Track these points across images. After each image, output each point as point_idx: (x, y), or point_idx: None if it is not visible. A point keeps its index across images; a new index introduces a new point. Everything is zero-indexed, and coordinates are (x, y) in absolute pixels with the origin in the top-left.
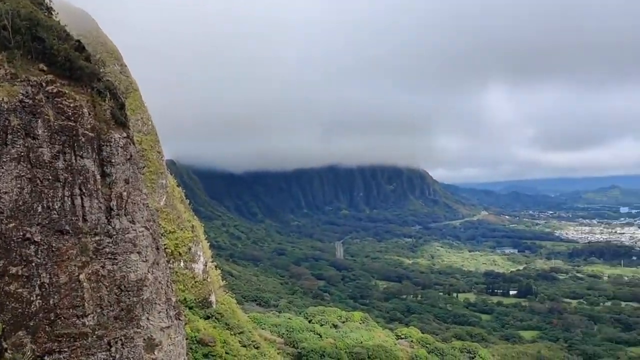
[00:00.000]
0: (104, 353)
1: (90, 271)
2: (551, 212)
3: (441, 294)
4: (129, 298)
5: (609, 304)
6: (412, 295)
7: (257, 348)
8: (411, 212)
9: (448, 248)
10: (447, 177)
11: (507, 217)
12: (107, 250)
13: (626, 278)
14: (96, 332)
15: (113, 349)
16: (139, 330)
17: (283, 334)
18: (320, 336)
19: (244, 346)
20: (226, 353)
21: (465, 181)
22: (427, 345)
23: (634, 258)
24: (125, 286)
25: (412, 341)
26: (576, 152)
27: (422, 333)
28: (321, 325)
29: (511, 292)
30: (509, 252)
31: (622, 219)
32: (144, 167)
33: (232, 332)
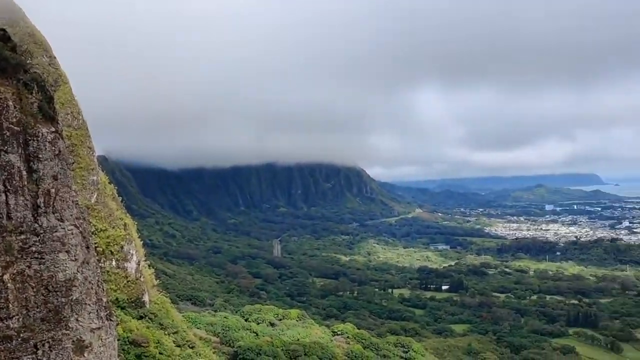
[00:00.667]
0: (30, 356)
1: (15, 271)
2: (481, 209)
3: (377, 290)
4: (57, 299)
5: (534, 297)
6: (348, 292)
7: (192, 347)
8: (348, 210)
9: (384, 245)
10: (383, 175)
11: (440, 214)
12: (34, 249)
13: (550, 272)
14: (21, 335)
15: (40, 352)
16: (68, 332)
17: (219, 333)
18: (257, 334)
19: (179, 346)
20: (160, 353)
21: (401, 179)
22: (363, 341)
23: (558, 253)
24: (53, 286)
25: (348, 337)
26: (505, 152)
27: (358, 329)
28: (257, 323)
29: (443, 287)
30: (441, 248)
31: (547, 216)
32: (73, 163)
33: (166, 332)
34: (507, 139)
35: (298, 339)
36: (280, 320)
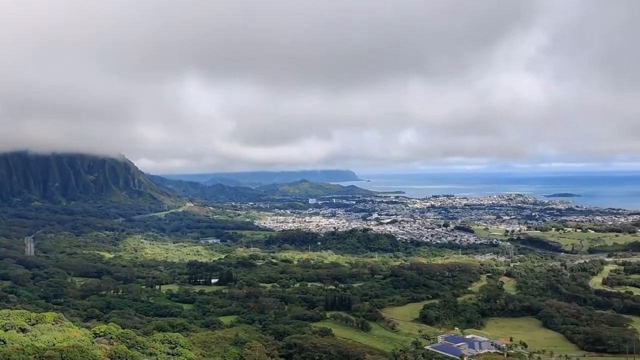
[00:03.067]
0: None
1: None
2: (252, 203)
3: (144, 287)
4: None
5: (297, 285)
6: (112, 291)
7: None
8: (114, 204)
9: (152, 240)
10: (152, 167)
11: (211, 208)
12: None
13: (312, 261)
14: None
15: None
16: None
17: None
18: (5, 342)
19: None
20: None
21: (171, 172)
22: (128, 340)
23: (319, 243)
24: None
25: (111, 338)
26: (273, 148)
27: (123, 328)
28: (5, 330)
29: (213, 281)
30: (212, 242)
31: (310, 209)
32: None
33: None
34: (275, 135)
35: (54, 344)
36: (34, 325)
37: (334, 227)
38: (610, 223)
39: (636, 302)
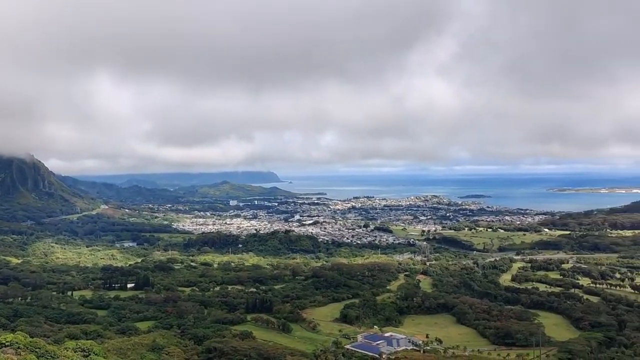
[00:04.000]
0: None
1: None
2: (170, 205)
3: (54, 293)
4: None
5: (217, 288)
6: (20, 298)
7: None
8: (22, 206)
9: (64, 244)
10: (64, 168)
11: (127, 210)
12: None
13: (233, 264)
14: None
15: None
16: None
17: None
18: None
19: None
20: None
21: (84, 173)
22: (37, 350)
23: (240, 245)
24: None
25: (19, 347)
26: (191, 149)
27: (31, 337)
28: None
29: (129, 286)
30: (128, 245)
31: (232, 211)
32: None
33: None
34: (194, 135)
35: None
36: None
37: (256, 229)
38: (518, 223)
39: (542, 297)
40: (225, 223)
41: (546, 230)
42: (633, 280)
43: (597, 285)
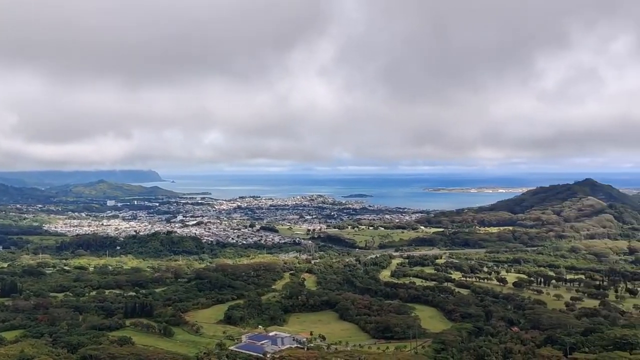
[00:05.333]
0: None
1: None
2: (41, 205)
3: None
4: None
5: (94, 293)
6: None
7: None
8: None
9: None
10: None
11: None
12: None
13: (110, 267)
14: None
15: None
16: None
17: None
18: None
19: None
20: None
21: None
22: None
23: (118, 248)
24: None
25: None
26: (64, 145)
27: None
28: None
29: None
30: None
31: (109, 211)
32: None
33: None
34: (66, 131)
35: None
36: None
37: (135, 231)
38: (397, 221)
39: (418, 291)
40: (102, 224)
41: (422, 227)
42: (498, 273)
43: (467, 279)
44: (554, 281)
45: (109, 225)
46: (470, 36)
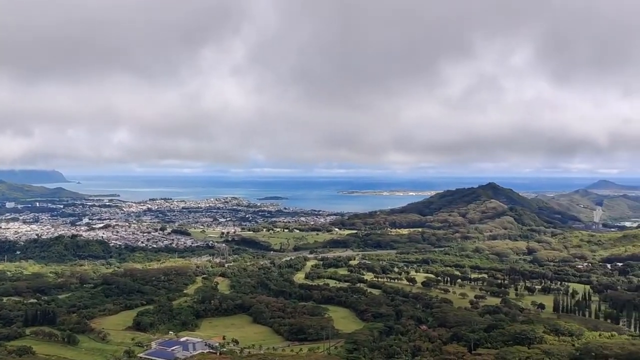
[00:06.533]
0: None
1: None
2: None
3: None
4: None
5: None
6: None
7: None
8: None
9: None
10: None
11: None
12: None
13: (9, 273)
14: None
15: None
16: None
17: None
18: None
19: None
20: None
21: None
22: None
23: (18, 252)
24: None
25: None
26: None
27: None
28: None
29: None
30: None
31: (8, 214)
32: None
33: None
34: None
35: None
36: None
37: (37, 234)
38: (312, 223)
39: (332, 292)
40: (0, 227)
41: (336, 229)
42: (408, 273)
43: (379, 279)
44: (459, 280)
45: (8, 228)
46: (380, 41)
